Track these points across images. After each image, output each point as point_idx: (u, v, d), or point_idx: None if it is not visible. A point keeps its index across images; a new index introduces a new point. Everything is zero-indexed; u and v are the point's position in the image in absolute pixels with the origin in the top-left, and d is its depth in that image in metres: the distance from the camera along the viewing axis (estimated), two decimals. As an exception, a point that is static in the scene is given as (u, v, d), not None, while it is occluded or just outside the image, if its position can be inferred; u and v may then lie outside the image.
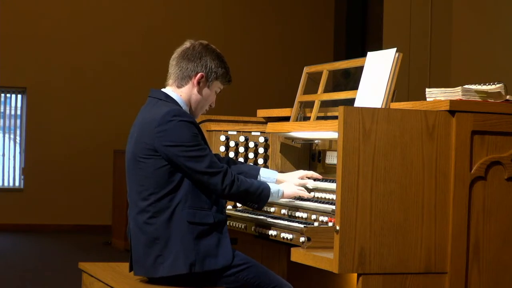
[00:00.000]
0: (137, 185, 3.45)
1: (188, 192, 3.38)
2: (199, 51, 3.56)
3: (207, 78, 3.55)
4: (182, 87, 3.55)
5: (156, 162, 3.38)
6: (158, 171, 3.38)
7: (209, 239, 3.38)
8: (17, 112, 12.08)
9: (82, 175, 11.91)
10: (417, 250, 2.96)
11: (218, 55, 3.59)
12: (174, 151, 3.35)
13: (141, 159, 3.41)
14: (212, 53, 3.57)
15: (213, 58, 3.56)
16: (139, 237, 3.45)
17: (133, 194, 3.48)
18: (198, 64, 3.54)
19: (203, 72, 3.54)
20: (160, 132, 3.36)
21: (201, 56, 3.55)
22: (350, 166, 2.88)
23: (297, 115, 4.06)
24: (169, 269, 3.37)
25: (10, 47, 11.75)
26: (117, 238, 9.98)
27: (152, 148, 3.38)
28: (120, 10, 12.23)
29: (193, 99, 3.57)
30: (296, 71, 5.45)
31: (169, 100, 3.50)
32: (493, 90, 3.16)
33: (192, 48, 3.57)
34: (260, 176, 3.82)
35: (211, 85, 3.57)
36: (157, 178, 3.38)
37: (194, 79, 3.54)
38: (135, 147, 3.45)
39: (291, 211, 3.72)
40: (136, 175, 3.45)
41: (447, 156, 2.99)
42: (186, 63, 3.55)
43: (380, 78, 3.47)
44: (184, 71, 3.54)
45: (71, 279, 7.36)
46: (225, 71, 3.60)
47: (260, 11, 12.86)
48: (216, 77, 3.57)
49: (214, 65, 3.56)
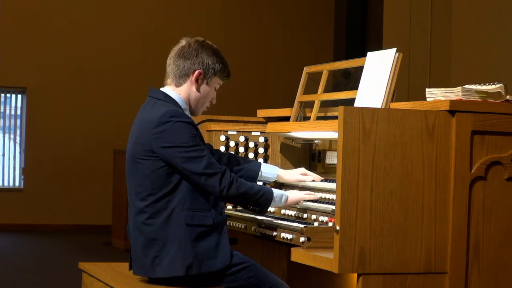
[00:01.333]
0: (136, 186, 3.44)
1: (186, 194, 3.37)
2: (195, 48, 3.54)
3: (205, 74, 3.54)
4: (180, 85, 3.54)
5: (154, 163, 3.37)
6: (156, 172, 3.37)
7: (208, 241, 3.37)
8: (17, 112, 12.08)
9: (82, 175, 11.91)
10: (417, 250, 2.96)
11: (214, 51, 3.57)
12: (171, 152, 3.34)
13: (139, 160, 3.41)
14: (208, 49, 3.55)
15: (209, 54, 3.54)
16: (137, 237, 3.45)
17: (132, 194, 3.48)
18: (195, 62, 3.52)
19: (200, 69, 3.52)
20: (157, 133, 3.35)
21: (197, 53, 3.53)
22: (350, 166, 2.88)
23: (297, 115, 4.06)
24: (166, 271, 3.36)
25: (10, 47, 11.75)
26: (117, 238, 9.98)
27: (150, 149, 3.37)
28: (120, 10, 12.23)
29: (193, 97, 3.56)
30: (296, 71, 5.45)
31: (168, 100, 3.49)
32: (493, 90, 3.16)
33: (188, 46, 3.55)
34: (261, 171, 3.81)
35: (209, 82, 3.56)
36: (155, 179, 3.38)
37: (192, 77, 3.53)
38: (133, 147, 3.44)
39: (291, 211, 3.72)
40: (135, 175, 3.45)
41: (447, 156, 2.99)
42: (183, 62, 3.53)
43: (380, 78, 3.47)
44: (182, 69, 3.53)
45: (71, 279, 7.35)
46: (222, 66, 3.57)
47: (260, 11, 12.86)
48: (214, 73, 3.55)
49: (211, 61, 3.54)
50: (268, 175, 3.82)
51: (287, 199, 3.59)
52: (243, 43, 12.64)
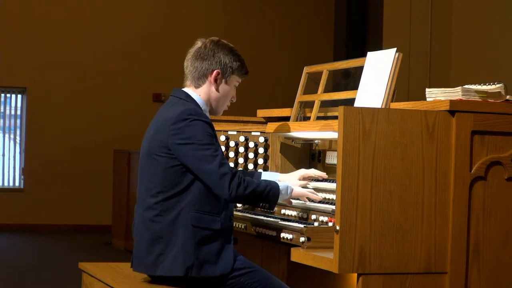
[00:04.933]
0: (147, 182, 3.45)
1: (197, 196, 3.37)
2: (211, 48, 3.55)
3: (223, 74, 3.54)
4: (199, 87, 3.55)
5: (168, 161, 3.38)
6: (169, 170, 3.38)
7: (212, 245, 3.37)
8: (17, 112, 12.08)
9: (82, 175, 11.91)
10: (417, 250, 2.96)
11: (230, 49, 3.58)
12: (185, 149, 3.34)
13: (155, 156, 3.41)
14: (224, 48, 3.57)
15: (226, 53, 3.55)
16: (143, 234, 3.45)
17: (142, 190, 3.48)
18: (212, 62, 3.53)
19: (218, 69, 3.53)
20: (174, 130, 3.36)
21: (214, 53, 3.54)
22: (350, 166, 2.88)
23: (297, 115, 4.06)
24: (168, 270, 3.36)
25: (10, 47, 11.75)
26: (117, 238, 9.98)
27: (166, 145, 3.38)
28: (120, 10, 12.23)
29: (213, 97, 3.56)
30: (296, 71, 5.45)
31: (189, 100, 3.50)
32: (493, 90, 3.16)
33: (204, 46, 3.56)
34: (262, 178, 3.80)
35: (228, 80, 3.56)
36: (168, 177, 3.38)
37: (211, 77, 3.53)
38: (150, 143, 3.46)
39: (292, 211, 3.72)
40: (148, 171, 3.45)
41: (447, 156, 2.99)
42: (200, 63, 3.54)
43: (380, 78, 3.47)
44: (200, 70, 3.54)
45: (71, 279, 7.36)
46: (240, 64, 3.58)
47: (260, 11, 12.86)
48: (232, 71, 3.56)
49: (228, 60, 3.55)
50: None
51: (292, 191, 3.56)
52: (243, 43, 12.61)
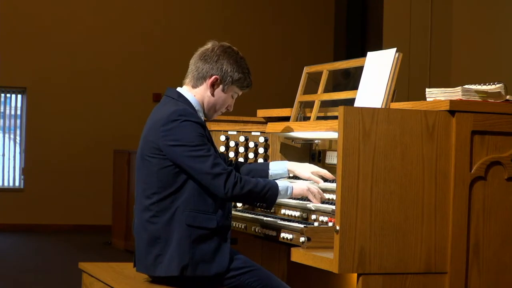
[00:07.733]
0: (142, 183, 3.46)
1: (191, 195, 3.37)
2: (217, 53, 3.53)
3: (222, 81, 3.52)
4: (196, 87, 3.55)
5: (161, 162, 3.38)
6: (162, 170, 3.38)
7: (208, 244, 3.37)
8: (17, 112, 12.08)
9: (82, 175, 11.91)
10: (417, 250, 2.96)
11: (237, 59, 3.55)
12: (177, 150, 3.34)
13: (147, 158, 3.42)
14: (231, 56, 3.54)
15: (230, 62, 3.53)
16: (142, 235, 3.46)
17: (139, 191, 3.49)
18: (213, 67, 3.52)
19: (217, 75, 3.52)
20: (165, 131, 3.36)
21: (218, 59, 3.52)
22: (350, 166, 2.88)
23: (297, 115, 4.06)
24: (165, 270, 3.37)
25: (10, 47, 11.75)
26: (117, 238, 9.98)
27: (157, 147, 3.38)
28: (120, 10, 12.23)
29: (206, 100, 3.56)
30: (296, 71, 5.44)
31: (181, 100, 3.50)
32: (493, 90, 3.16)
33: (211, 49, 3.55)
34: (270, 170, 3.77)
35: (226, 89, 3.54)
36: (161, 178, 3.38)
37: (209, 81, 3.52)
38: (143, 144, 3.46)
39: (292, 211, 3.72)
40: (142, 173, 3.46)
41: (447, 156, 2.99)
42: (202, 64, 3.53)
43: (380, 78, 3.47)
44: (200, 72, 3.53)
45: (71, 279, 7.35)
46: (242, 76, 3.55)
47: (260, 11, 12.86)
48: (232, 81, 3.54)
49: (230, 69, 3.52)
50: (279, 171, 3.78)
51: (293, 190, 3.55)
52: (243, 43, 12.61)
